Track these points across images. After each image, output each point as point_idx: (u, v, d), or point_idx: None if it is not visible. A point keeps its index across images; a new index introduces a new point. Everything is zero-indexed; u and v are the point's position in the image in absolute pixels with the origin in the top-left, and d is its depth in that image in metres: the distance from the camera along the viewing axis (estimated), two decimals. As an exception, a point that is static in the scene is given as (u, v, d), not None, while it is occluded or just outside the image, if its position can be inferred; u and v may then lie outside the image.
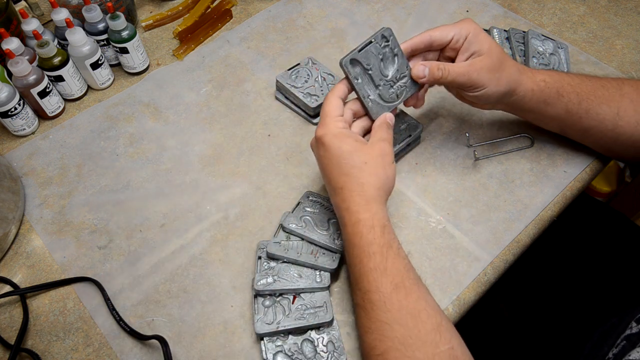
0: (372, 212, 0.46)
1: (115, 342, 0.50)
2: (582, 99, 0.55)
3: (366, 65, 0.52)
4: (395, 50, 0.53)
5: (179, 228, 0.58)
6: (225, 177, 0.62)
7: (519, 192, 0.60)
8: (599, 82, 0.57)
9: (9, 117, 0.62)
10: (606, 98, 0.55)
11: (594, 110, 0.55)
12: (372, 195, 0.47)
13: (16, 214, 0.57)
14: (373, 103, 0.53)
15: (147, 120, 0.68)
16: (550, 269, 0.74)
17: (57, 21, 0.67)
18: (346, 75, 0.51)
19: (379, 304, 0.43)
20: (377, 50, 0.52)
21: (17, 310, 0.53)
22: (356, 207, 0.47)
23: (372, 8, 0.81)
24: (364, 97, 0.52)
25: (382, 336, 0.42)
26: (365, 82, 0.52)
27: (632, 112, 0.55)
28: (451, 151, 0.64)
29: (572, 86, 0.56)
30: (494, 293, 0.57)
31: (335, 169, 0.48)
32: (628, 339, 0.48)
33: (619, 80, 0.57)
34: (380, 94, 0.53)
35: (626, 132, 0.56)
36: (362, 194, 0.47)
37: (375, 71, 0.52)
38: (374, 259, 0.45)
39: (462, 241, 0.56)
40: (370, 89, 0.53)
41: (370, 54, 0.52)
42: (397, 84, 0.54)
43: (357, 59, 0.51)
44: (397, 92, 0.54)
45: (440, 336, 0.41)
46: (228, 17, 0.80)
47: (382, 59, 0.53)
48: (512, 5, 0.81)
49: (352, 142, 0.48)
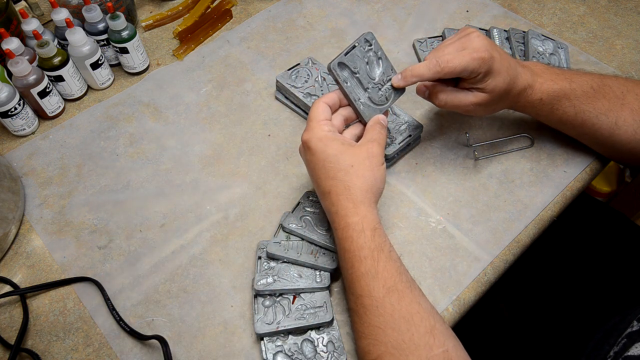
0: (360, 216, 0.46)
1: (115, 342, 0.50)
2: (578, 111, 0.55)
3: (353, 68, 0.52)
4: (379, 54, 0.54)
5: (179, 228, 0.58)
6: (225, 177, 0.62)
7: (519, 192, 0.60)
8: (601, 90, 0.55)
9: (9, 117, 0.62)
10: (605, 109, 0.55)
11: (590, 121, 0.56)
12: (360, 198, 0.47)
13: (16, 214, 0.57)
14: (364, 106, 0.53)
15: (147, 120, 0.68)
16: (550, 269, 0.74)
17: (57, 21, 0.67)
18: (335, 79, 0.51)
19: (372, 308, 0.43)
20: (362, 53, 0.53)
21: (17, 310, 0.53)
22: (344, 211, 0.46)
23: (372, 8, 0.81)
24: (355, 101, 0.52)
25: (375, 341, 0.42)
26: (354, 85, 0.52)
27: (631, 121, 0.55)
28: (451, 151, 0.64)
29: (570, 100, 0.55)
30: (494, 293, 0.57)
31: (322, 173, 0.48)
32: (629, 337, 0.48)
33: (623, 88, 0.56)
34: (370, 97, 0.53)
35: (623, 140, 0.56)
36: (350, 197, 0.46)
37: (363, 74, 0.53)
38: (365, 263, 0.44)
39: (462, 241, 0.56)
40: (359, 92, 0.53)
41: (356, 57, 0.53)
42: (385, 86, 0.54)
43: (344, 62, 0.52)
44: (385, 94, 0.54)
45: (434, 339, 0.41)
46: (228, 17, 0.80)
47: (367, 62, 0.53)
48: (512, 5, 0.81)
49: (338, 145, 0.48)
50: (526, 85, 0.54)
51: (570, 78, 0.55)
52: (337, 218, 0.47)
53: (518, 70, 0.53)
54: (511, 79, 0.52)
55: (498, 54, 0.51)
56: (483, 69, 0.50)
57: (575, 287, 0.72)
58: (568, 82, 0.55)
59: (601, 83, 0.56)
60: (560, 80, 0.55)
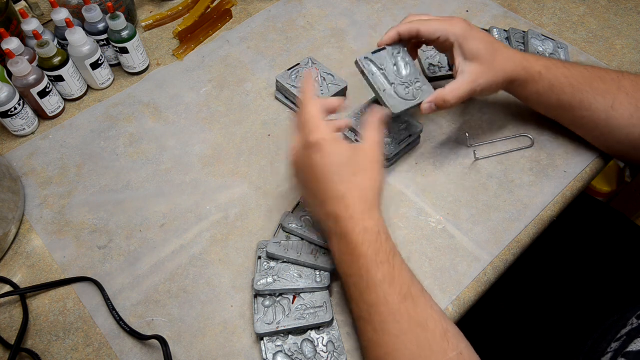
0: (375, 219, 0.45)
1: (115, 342, 0.50)
2: (576, 90, 0.56)
3: (380, 65, 0.54)
4: (407, 60, 0.56)
5: (179, 228, 0.58)
6: (225, 177, 0.62)
7: (519, 192, 0.60)
8: (597, 74, 0.57)
9: (9, 117, 0.62)
10: (602, 91, 0.56)
11: (588, 101, 0.56)
12: (373, 201, 0.46)
13: (16, 214, 0.57)
14: (388, 95, 0.53)
15: (147, 120, 0.68)
16: (550, 269, 0.74)
17: (57, 21, 0.67)
18: (361, 70, 0.54)
19: (389, 316, 0.42)
20: (390, 56, 0.56)
21: (17, 310, 0.53)
22: (360, 215, 0.45)
23: (372, 8, 0.81)
24: (379, 90, 0.54)
25: (393, 350, 0.41)
26: (379, 76, 0.54)
27: (627, 105, 0.55)
28: (451, 151, 0.64)
29: (567, 78, 0.56)
30: (494, 293, 0.57)
31: (336, 176, 0.46)
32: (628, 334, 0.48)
33: (619, 74, 0.57)
34: (395, 90, 0.54)
35: (620, 125, 0.56)
36: (365, 201, 0.45)
37: (389, 72, 0.55)
38: (382, 269, 0.43)
39: (462, 241, 0.56)
40: (384, 83, 0.54)
41: (383, 58, 0.55)
42: (413, 86, 0.55)
43: (371, 59, 0.53)
44: (413, 92, 0.55)
45: (449, 343, 0.41)
46: (228, 17, 0.80)
47: (395, 64, 0.56)
48: (512, 5, 0.81)
49: (349, 146, 0.47)
50: (520, 56, 0.56)
51: (564, 64, 0.58)
52: (352, 223, 0.45)
53: (504, 48, 0.56)
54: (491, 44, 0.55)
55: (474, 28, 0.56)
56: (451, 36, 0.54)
57: (575, 287, 0.72)
58: (561, 62, 0.58)
59: (596, 69, 0.58)
60: (553, 63, 0.57)
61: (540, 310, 0.71)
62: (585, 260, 0.74)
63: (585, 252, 0.75)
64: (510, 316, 0.71)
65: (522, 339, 0.69)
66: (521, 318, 0.71)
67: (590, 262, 0.74)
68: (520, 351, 0.68)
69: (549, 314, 0.70)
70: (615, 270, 0.73)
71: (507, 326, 0.71)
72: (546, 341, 0.68)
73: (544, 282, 0.73)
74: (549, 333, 0.68)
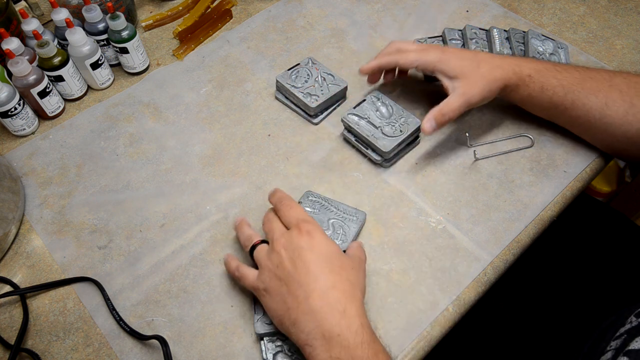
0: (365, 316, 0.43)
1: (115, 342, 0.50)
2: (567, 91, 0.57)
3: (363, 115, 0.61)
4: (387, 102, 0.62)
5: (179, 228, 0.58)
6: (225, 177, 0.62)
7: (519, 192, 0.60)
8: (588, 73, 0.57)
9: (9, 117, 0.62)
10: (594, 89, 0.56)
11: (580, 101, 0.56)
12: (359, 296, 0.44)
13: (16, 214, 0.57)
14: (377, 138, 0.59)
15: (147, 120, 0.68)
16: (550, 269, 0.74)
17: (57, 21, 0.67)
18: (347, 126, 0.61)
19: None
20: (371, 105, 0.62)
21: (17, 310, 0.53)
22: (355, 310, 0.42)
23: (372, 8, 0.81)
24: (368, 136, 0.59)
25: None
26: (364, 125, 0.60)
27: (621, 102, 0.55)
28: (451, 151, 0.64)
29: (557, 79, 0.57)
30: (494, 293, 0.57)
31: (326, 266, 0.44)
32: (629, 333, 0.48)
33: (610, 72, 0.58)
34: (382, 132, 0.60)
35: (615, 122, 0.56)
36: (356, 296, 0.43)
37: (373, 118, 0.61)
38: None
39: (462, 241, 0.56)
40: (370, 129, 0.60)
41: (365, 109, 0.62)
42: (398, 122, 0.60)
43: (354, 113, 0.61)
44: (399, 128, 0.60)
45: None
46: (228, 17, 0.80)
47: (376, 109, 0.62)
48: (512, 5, 0.81)
49: (334, 242, 0.47)
50: (509, 61, 0.58)
51: (555, 65, 0.59)
52: (346, 319, 0.41)
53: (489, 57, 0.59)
54: (473, 57, 0.58)
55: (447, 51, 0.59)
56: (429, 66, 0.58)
57: (575, 287, 0.72)
58: (552, 64, 0.59)
59: (587, 69, 0.59)
60: (543, 65, 0.58)
61: (540, 310, 0.71)
62: (585, 261, 0.74)
63: (585, 252, 0.75)
64: (510, 316, 0.71)
65: (521, 339, 0.69)
66: (521, 318, 0.71)
67: (590, 262, 0.74)
68: (520, 351, 0.68)
69: (549, 314, 0.70)
70: (615, 271, 0.73)
71: (507, 326, 0.71)
72: (546, 341, 0.68)
73: (544, 282, 0.73)
74: (549, 333, 0.68)
